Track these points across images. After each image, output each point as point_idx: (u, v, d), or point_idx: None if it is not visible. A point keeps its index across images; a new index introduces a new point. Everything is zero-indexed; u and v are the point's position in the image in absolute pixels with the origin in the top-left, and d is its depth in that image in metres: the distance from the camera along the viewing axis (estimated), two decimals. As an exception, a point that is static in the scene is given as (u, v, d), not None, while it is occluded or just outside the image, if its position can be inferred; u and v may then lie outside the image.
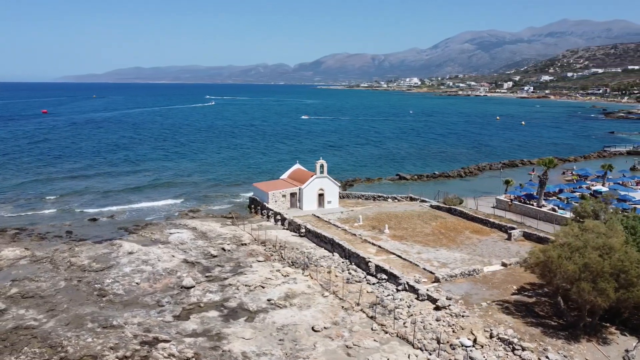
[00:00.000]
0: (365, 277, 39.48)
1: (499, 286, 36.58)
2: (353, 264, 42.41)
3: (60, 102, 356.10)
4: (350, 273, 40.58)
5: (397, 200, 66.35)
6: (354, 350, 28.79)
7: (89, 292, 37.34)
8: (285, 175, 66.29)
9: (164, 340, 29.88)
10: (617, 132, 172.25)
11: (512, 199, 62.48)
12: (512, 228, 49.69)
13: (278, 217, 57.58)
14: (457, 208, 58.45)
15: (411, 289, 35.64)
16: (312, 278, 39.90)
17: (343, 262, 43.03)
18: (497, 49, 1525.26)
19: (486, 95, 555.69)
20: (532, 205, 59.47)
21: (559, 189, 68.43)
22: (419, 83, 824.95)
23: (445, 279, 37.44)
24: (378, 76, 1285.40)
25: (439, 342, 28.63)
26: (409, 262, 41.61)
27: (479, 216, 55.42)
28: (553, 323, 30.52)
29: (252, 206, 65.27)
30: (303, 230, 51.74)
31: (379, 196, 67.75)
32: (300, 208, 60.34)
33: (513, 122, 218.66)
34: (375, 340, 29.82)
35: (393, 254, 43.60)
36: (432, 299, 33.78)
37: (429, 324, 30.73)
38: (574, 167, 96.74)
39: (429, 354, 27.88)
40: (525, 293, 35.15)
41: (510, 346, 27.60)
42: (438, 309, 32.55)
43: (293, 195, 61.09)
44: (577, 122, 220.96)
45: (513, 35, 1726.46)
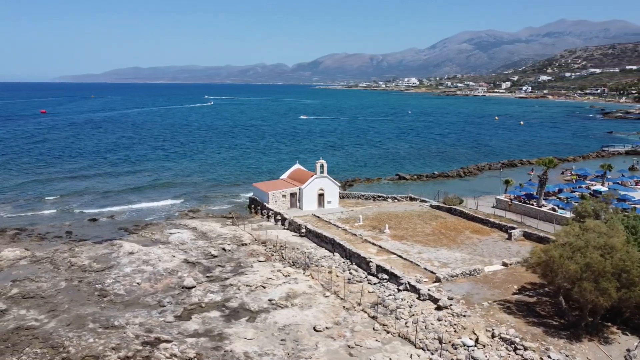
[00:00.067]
0: (366, 277, 39.51)
1: (499, 286, 36.64)
2: (354, 264, 42.43)
3: (59, 102, 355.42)
4: (351, 273, 40.59)
5: (397, 200, 66.37)
6: (356, 350, 28.80)
7: (89, 293, 37.29)
8: (285, 175, 66.27)
9: (166, 341, 29.86)
10: (616, 132, 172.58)
11: (512, 199, 62.57)
12: (513, 228, 49.75)
13: (278, 217, 57.57)
14: (457, 208, 58.50)
15: (412, 289, 35.67)
16: (313, 278, 39.89)
17: (344, 262, 43.05)
18: (495, 49, 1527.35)
19: (484, 95, 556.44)
20: (532, 205, 59.57)
21: (558, 189, 68.54)
22: (417, 83, 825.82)
23: (446, 279, 37.48)
24: (376, 76, 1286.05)
25: (441, 342, 28.66)
26: (410, 262, 41.65)
27: (479, 216, 55.48)
28: (554, 323, 30.57)
29: (252, 206, 65.24)
30: (303, 230, 51.74)
31: (379, 196, 67.76)
32: (301, 208, 60.33)
33: (512, 122, 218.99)
34: (377, 340, 29.83)
35: (394, 254, 43.63)
36: (433, 299, 33.81)
37: (430, 324, 30.76)
38: (573, 167, 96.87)
39: (431, 353, 27.91)
40: (526, 293, 35.20)
41: (512, 346, 27.64)
42: (439, 308, 32.57)
43: (293, 195, 61.09)
44: (576, 122, 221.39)
45: (511, 36, 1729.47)
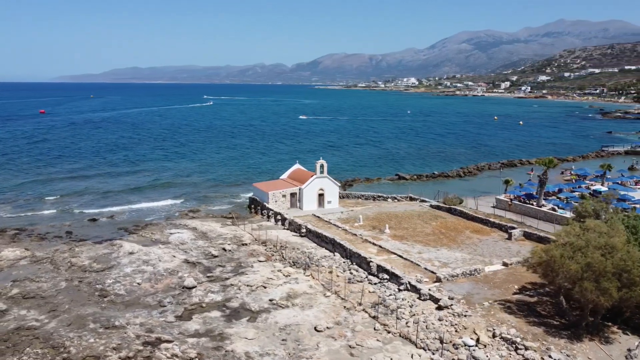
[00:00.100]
0: (366, 277, 39.51)
1: (500, 286, 36.66)
2: (354, 264, 42.44)
3: (58, 102, 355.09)
4: (351, 273, 40.60)
5: (397, 200, 66.38)
6: (357, 350, 28.81)
7: (90, 293, 37.26)
8: (285, 175, 66.26)
9: (167, 341, 29.85)
10: (615, 132, 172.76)
11: (511, 199, 62.61)
12: (513, 228, 49.78)
13: (278, 217, 57.56)
14: (457, 208, 58.53)
15: (413, 289, 35.68)
16: (313, 278, 39.89)
17: (344, 262, 43.06)
18: (494, 49, 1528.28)
19: (483, 95, 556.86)
20: (532, 204, 59.62)
21: (558, 189, 68.59)
22: (417, 83, 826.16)
23: (447, 279, 37.49)
24: (375, 76, 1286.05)
25: (441, 341, 28.68)
26: (410, 262, 41.66)
27: (479, 216, 55.51)
28: (555, 322, 30.59)
29: (252, 206, 65.22)
30: (304, 230, 51.73)
31: (379, 196, 67.76)
32: (301, 208, 60.32)
33: (511, 122, 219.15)
34: (378, 340, 29.84)
35: (394, 253, 43.64)
36: (434, 299, 33.82)
37: (431, 324, 30.77)
38: (573, 166, 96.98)
39: (432, 353, 27.93)
40: (526, 292, 35.23)
41: (513, 345, 27.66)
42: (440, 308, 32.59)
43: (293, 195, 61.08)
44: (575, 122, 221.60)
45: (510, 36, 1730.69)
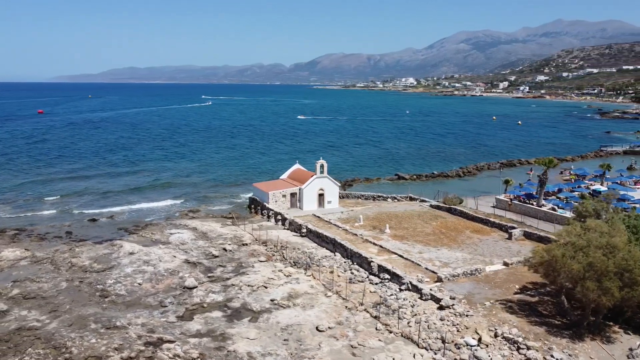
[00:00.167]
0: (367, 277, 39.53)
1: (501, 285, 36.70)
2: (355, 263, 42.45)
3: (56, 102, 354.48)
4: (352, 273, 40.62)
5: (396, 200, 66.41)
6: (359, 350, 28.81)
7: (91, 293, 37.21)
8: (285, 175, 66.24)
9: (169, 341, 29.82)
10: (613, 132, 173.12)
11: (511, 199, 62.69)
12: (513, 227, 49.83)
13: (278, 217, 57.54)
14: (457, 208, 58.58)
15: (414, 289, 35.71)
16: (314, 278, 39.90)
17: (345, 262, 43.07)
18: (493, 49, 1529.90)
19: (482, 95, 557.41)
20: (532, 204, 59.70)
21: (558, 189, 68.67)
22: (415, 83, 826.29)
23: (448, 279, 37.52)
24: (374, 76, 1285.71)
25: (443, 341, 28.69)
26: (411, 261, 41.68)
27: (479, 216, 55.56)
28: (557, 322, 30.63)
29: (252, 206, 65.20)
30: (304, 231, 51.73)
31: (379, 196, 67.79)
32: (301, 208, 60.31)
33: (510, 122, 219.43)
34: (380, 340, 29.85)
35: (395, 253, 43.66)
36: (435, 299, 33.86)
37: (433, 324, 30.79)
38: (572, 166, 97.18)
39: (434, 353, 27.95)
40: (527, 292, 35.27)
41: (515, 345, 27.70)
42: (442, 308, 32.62)
43: (293, 195, 61.07)
44: (573, 122, 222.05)
45: (508, 36, 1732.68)
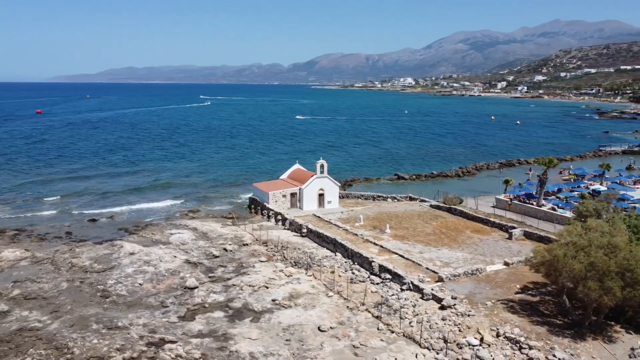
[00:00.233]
0: (369, 277, 39.54)
1: (502, 285, 36.74)
2: (356, 263, 42.46)
3: (54, 102, 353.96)
4: (353, 273, 40.63)
5: (396, 200, 66.43)
6: (361, 350, 28.82)
7: (92, 293, 37.16)
8: (285, 175, 66.22)
9: (171, 341, 29.79)
10: (612, 132, 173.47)
11: (511, 199, 62.76)
12: (513, 227, 49.89)
13: (279, 217, 57.52)
14: (457, 208, 58.62)
15: (416, 289, 35.72)
16: (315, 278, 39.90)
17: (346, 262, 43.08)
18: (491, 49, 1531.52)
19: (480, 95, 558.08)
20: (532, 204, 59.79)
21: (557, 189, 68.79)
22: (413, 83, 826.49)
23: (449, 279, 37.55)
24: (372, 76, 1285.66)
25: (445, 341, 28.72)
26: (412, 261, 41.70)
27: (479, 216, 55.62)
28: (558, 322, 30.67)
29: (252, 206, 65.16)
30: (305, 231, 51.72)
31: (379, 196, 67.80)
32: (301, 208, 60.30)
33: (508, 121, 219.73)
34: (382, 340, 29.86)
35: (395, 253, 43.68)
36: (437, 299, 33.88)
37: (435, 324, 30.82)
38: (571, 166, 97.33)
39: (436, 353, 27.97)
40: (528, 292, 35.29)
41: (518, 345, 27.73)
42: (443, 308, 32.64)
43: (293, 195, 61.05)
44: (572, 122, 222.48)
45: (506, 36, 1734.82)
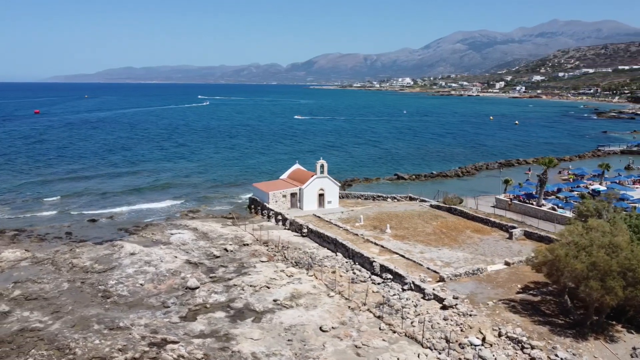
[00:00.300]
0: (370, 277, 39.54)
1: (503, 285, 36.78)
2: (357, 263, 42.48)
3: (53, 102, 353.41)
4: (354, 273, 40.64)
5: (396, 200, 66.46)
6: (363, 350, 28.82)
7: (93, 294, 37.11)
8: (285, 176, 66.20)
9: (173, 342, 29.76)
10: (610, 132, 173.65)
11: (511, 199, 62.84)
12: (513, 227, 49.94)
13: (279, 217, 57.51)
14: (457, 207, 58.67)
15: (417, 289, 35.74)
16: (316, 278, 39.89)
17: (347, 262, 43.09)
18: (489, 49, 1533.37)
19: (478, 95, 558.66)
20: (532, 204, 59.87)
21: (557, 188, 68.91)
22: (412, 83, 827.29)
23: (450, 278, 37.57)
24: (370, 76, 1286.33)
25: (447, 341, 28.75)
26: (413, 261, 41.72)
27: (479, 215, 55.66)
28: (560, 321, 30.71)
29: (252, 206, 65.13)
30: (305, 231, 51.72)
31: (379, 196, 67.82)
32: (301, 208, 60.29)
33: (507, 121, 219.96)
34: (384, 339, 29.87)
35: (396, 253, 43.70)
36: (438, 298, 33.90)
37: (436, 323, 30.84)
38: (570, 166, 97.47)
39: (438, 353, 27.99)
40: (530, 292, 35.33)
41: (520, 345, 27.77)
42: (445, 308, 32.66)
43: (293, 195, 61.04)
44: (570, 122, 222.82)
45: (504, 36, 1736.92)
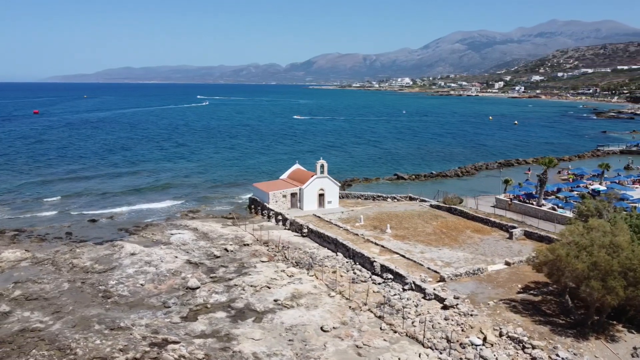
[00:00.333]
0: (370, 277, 39.54)
1: (503, 285, 36.81)
2: (357, 263, 42.49)
3: (52, 102, 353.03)
4: (355, 273, 40.65)
5: (396, 200, 66.48)
6: (364, 350, 28.83)
7: (93, 294, 37.07)
8: (285, 176, 66.19)
9: (174, 342, 29.74)
10: (609, 132, 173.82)
11: (511, 198, 62.87)
12: (513, 227, 49.97)
13: (279, 217, 57.51)
14: (458, 207, 58.70)
15: (418, 288, 35.75)
16: (317, 278, 39.89)
17: (347, 262, 43.09)
18: (488, 49, 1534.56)
19: (478, 95, 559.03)
20: (532, 204, 59.91)
21: (557, 188, 68.97)
22: (411, 83, 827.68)
23: (451, 278, 37.60)
24: (370, 76, 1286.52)
25: (448, 341, 28.76)
26: (413, 261, 41.74)
27: (479, 215, 55.69)
28: (561, 321, 30.74)
29: (252, 206, 65.11)
30: (305, 231, 51.71)
31: (379, 196, 67.83)
32: (301, 208, 60.28)
33: (506, 121, 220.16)
34: (385, 339, 29.87)
35: (397, 253, 43.71)
36: (439, 298, 33.92)
37: (437, 323, 30.85)
38: (569, 166, 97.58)
39: (439, 353, 28.00)
40: (530, 291, 35.36)
41: (521, 344, 27.78)
42: (446, 308, 32.67)
43: (293, 195, 61.03)
44: (570, 122, 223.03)
45: (503, 36, 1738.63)
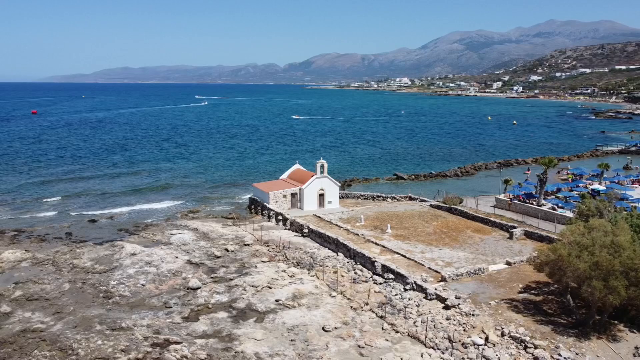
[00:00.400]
0: (371, 277, 39.53)
1: (505, 285, 36.82)
2: (358, 263, 42.48)
3: (50, 102, 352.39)
4: (356, 273, 40.65)
5: (396, 200, 66.52)
6: (366, 350, 28.83)
7: (94, 294, 37.02)
8: (285, 176, 66.16)
9: (175, 342, 29.72)
10: (608, 132, 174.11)
11: (511, 198, 62.94)
12: (514, 227, 50.01)
13: (279, 217, 57.48)
14: (458, 207, 58.74)
15: (419, 288, 35.76)
16: (318, 278, 39.88)
17: (348, 262, 43.10)
18: (486, 49, 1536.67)
19: (476, 95, 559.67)
20: (532, 204, 59.99)
21: (557, 188, 69.08)
22: (409, 83, 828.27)
23: (452, 278, 37.61)
24: (368, 76, 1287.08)
25: (450, 340, 28.77)
26: (414, 261, 41.73)
27: (479, 215, 55.72)
28: (562, 321, 30.77)
29: (252, 207, 65.06)
30: (306, 231, 51.70)
31: (378, 196, 67.87)
32: (301, 208, 60.26)
33: (505, 121, 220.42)
34: (386, 339, 29.87)
35: (397, 253, 43.71)
36: (440, 298, 33.92)
37: (439, 323, 30.86)
38: (569, 166, 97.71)
39: (441, 352, 28.01)
40: (531, 291, 35.38)
41: (523, 344, 27.81)
42: (447, 307, 32.68)
43: (294, 195, 61.01)
44: (568, 122, 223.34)
45: (501, 36, 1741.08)
